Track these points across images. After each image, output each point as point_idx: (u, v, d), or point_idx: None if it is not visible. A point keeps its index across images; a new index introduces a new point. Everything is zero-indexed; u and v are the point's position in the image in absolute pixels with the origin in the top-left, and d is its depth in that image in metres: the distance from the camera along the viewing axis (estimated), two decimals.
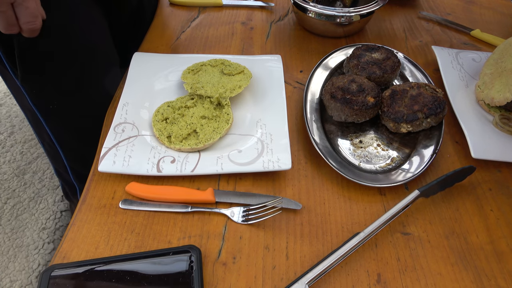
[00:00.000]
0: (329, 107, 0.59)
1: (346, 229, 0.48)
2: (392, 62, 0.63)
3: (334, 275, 0.44)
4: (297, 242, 0.47)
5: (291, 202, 0.50)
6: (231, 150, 0.54)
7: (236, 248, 0.46)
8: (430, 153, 0.55)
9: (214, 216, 0.49)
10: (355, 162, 0.55)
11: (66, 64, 0.63)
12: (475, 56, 0.70)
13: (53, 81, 0.64)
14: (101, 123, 0.60)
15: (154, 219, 0.49)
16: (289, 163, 0.51)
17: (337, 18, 0.72)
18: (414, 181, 0.54)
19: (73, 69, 0.65)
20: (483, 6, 0.89)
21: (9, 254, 1.08)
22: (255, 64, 0.67)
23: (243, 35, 0.77)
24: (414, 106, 0.56)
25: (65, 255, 0.45)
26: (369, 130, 0.59)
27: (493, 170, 0.56)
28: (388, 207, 0.50)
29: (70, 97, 0.67)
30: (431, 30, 0.81)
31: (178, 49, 0.74)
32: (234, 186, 0.52)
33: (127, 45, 0.77)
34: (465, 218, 0.50)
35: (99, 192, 0.51)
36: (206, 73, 0.63)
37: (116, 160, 0.51)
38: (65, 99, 0.67)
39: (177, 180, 0.53)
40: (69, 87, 0.66)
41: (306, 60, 0.72)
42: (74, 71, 0.65)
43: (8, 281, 1.03)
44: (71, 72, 0.65)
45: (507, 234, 0.49)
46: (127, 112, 0.58)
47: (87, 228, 0.48)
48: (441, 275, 0.45)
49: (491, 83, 0.61)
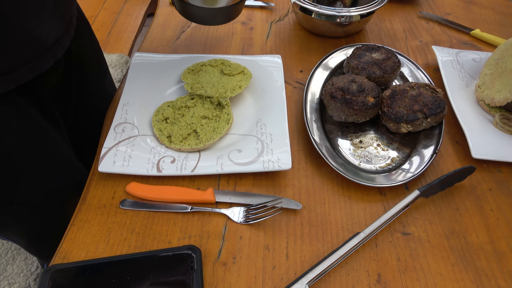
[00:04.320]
0: (329, 107, 0.59)
1: (346, 229, 0.48)
2: (392, 62, 0.63)
3: (334, 275, 0.44)
4: (297, 242, 0.47)
5: (291, 202, 0.50)
6: (231, 150, 0.54)
7: (236, 248, 0.46)
8: (430, 153, 0.55)
9: (214, 216, 0.49)
10: (355, 162, 0.55)
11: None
12: (475, 56, 0.70)
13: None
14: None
15: (154, 219, 0.49)
16: (289, 163, 0.51)
17: (337, 18, 0.72)
18: (414, 181, 0.54)
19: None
20: (483, 6, 0.89)
21: (8, 257, 1.08)
22: (255, 64, 0.67)
23: (243, 35, 0.77)
24: (414, 106, 0.56)
25: (65, 255, 0.45)
26: (369, 130, 0.59)
27: (493, 170, 0.56)
28: (388, 207, 0.50)
29: None
30: (431, 30, 0.81)
31: (178, 49, 0.74)
32: (234, 186, 0.52)
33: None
34: (465, 218, 0.50)
35: (99, 192, 0.51)
36: (206, 73, 0.63)
37: (116, 160, 0.51)
38: None
39: (177, 180, 0.53)
40: None
41: (306, 60, 0.72)
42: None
43: (7, 283, 1.03)
44: None
45: (507, 234, 0.49)
46: (127, 112, 0.58)
47: (87, 228, 0.48)
48: (441, 275, 0.45)
49: (491, 83, 0.61)
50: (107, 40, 1.30)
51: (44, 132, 0.55)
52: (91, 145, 0.60)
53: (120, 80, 1.18)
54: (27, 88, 0.50)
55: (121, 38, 1.31)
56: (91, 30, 0.71)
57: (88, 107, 0.70)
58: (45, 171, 0.57)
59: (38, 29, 0.47)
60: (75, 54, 0.62)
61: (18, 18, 0.44)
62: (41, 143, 0.55)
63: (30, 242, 0.72)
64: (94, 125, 0.64)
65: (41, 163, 0.55)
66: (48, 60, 0.51)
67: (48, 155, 0.56)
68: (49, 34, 0.50)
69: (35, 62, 0.49)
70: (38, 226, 0.63)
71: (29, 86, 0.51)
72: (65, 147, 0.60)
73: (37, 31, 0.47)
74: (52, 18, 0.50)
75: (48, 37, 0.50)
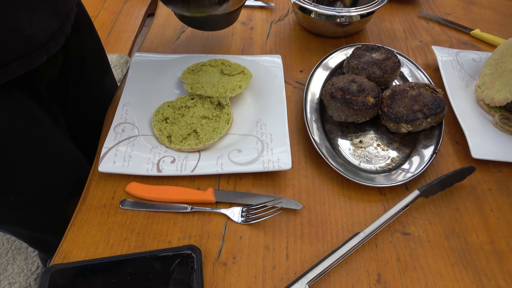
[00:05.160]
0: (329, 107, 0.59)
1: (346, 229, 0.48)
2: (392, 62, 0.63)
3: (334, 275, 0.44)
4: (297, 242, 0.47)
5: (291, 202, 0.50)
6: (231, 150, 0.54)
7: (236, 248, 0.46)
8: (430, 153, 0.55)
9: (214, 216, 0.49)
10: (355, 162, 0.55)
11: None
12: (475, 56, 0.70)
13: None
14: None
15: (154, 219, 0.49)
16: (289, 163, 0.51)
17: (337, 18, 0.72)
18: (414, 181, 0.54)
19: None
20: (483, 6, 0.89)
21: (8, 257, 1.08)
22: (255, 64, 0.67)
23: (243, 35, 0.77)
24: (414, 106, 0.56)
25: (65, 255, 0.45)
26: (369, 130, 0.59)
27: (493, 170, 0.56)
28: (388, 207, 0.50)
29: None
30: (431, 30, 0.81)
31: (178, 49, 0.74)
32: (234, 186, 0.52)
33: None
34: (465, 218, 0.50)
35: (99, 192, 0.51)
36: (206, 73, 0.63)
37: (116, 160, 0.51)
38: None
39: (177, 180, 0.53)
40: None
41: (306, 60, 0.72)
42: None
43: (7, 283, 1.03)
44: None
45: (507, 234, 0.49)
46: (127, 112, 0.58)
47: (87, 228, 0.48)
48: (441, 275, 0.45)
49: (491, 83, 0.61)
50: (107, 40, 1.30)
51: (41, 124, 0.55)
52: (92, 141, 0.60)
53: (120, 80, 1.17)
54: (22, 80, 0.50)
55: (121, 38, 1.31)
56: (93, 26, 0.71)
57: (87, 103, 0.70)
58: (41, 163, 0.57)
59: (29, 25, 0.47)
60: (73, 49, 0.62)
61: (6, 14, 0.44)
62: (37, 135, 0.55)
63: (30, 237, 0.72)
64: (95, 121, 0.64)
65: (37, 155, 0.55)
66: (41, 57, 0.51)
67: (45, 148, 0.56)
68: (42, 31, 0.50)
69: (26, 58, 0.49)
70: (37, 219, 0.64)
71: (25, 79, 0.51)
72: (63, 141, 0.60)
73: (28, 27, 0.47)
74: (45, 15, 0.50)
75: (40, 34, 0.50)
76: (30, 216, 0.63)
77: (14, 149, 0.52)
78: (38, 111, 0.55)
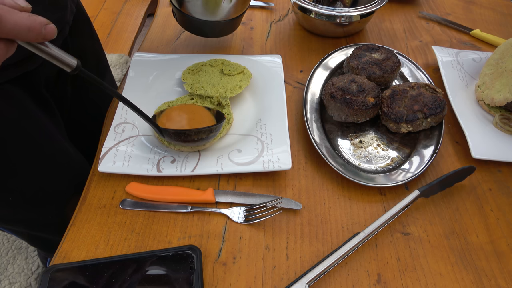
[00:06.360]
0: (329, 107, 0.59)
1: (346, 229, 0.48)
2: (392, 62, 0.63)
3: (334, 275, 0.44)
4: (297, 242, 0.47)
5: (291, 202, 0.50)
6: (231, 150, 0.54)
7: (236, 248, 0.46)
8: (430, 153, 0.55)
9: (214, 216, 0.49)
10: (355, 162, 0.55)
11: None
12: (475, 56, 0.70)
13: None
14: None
15: (154, 219, 0.49)
16: (289, 163, 0.51)
17: (337, 18, 0.72)
18: (414, 181, 0.54)
19: None
20: (483, 6, 0.89)
21: (8, 256, 1.08)
22: (255, 64, 0.67)
23: (243, 35, 0.77)
24: (414, 106, 0.56)
25: (65, 255, 0.45)
26: (369, 130, 0.59)
27: (493, 170, 0.56)
28: (388, 207, 0.50)
29: None
30: (431, 30, 0.81)
31: (178, 49, 0.74)
32: (234, 186, 0.52)
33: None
34: (465, 218, 0.50)
35: (99, 192, 0.51)
36: (206, 73, 0.63)
37: (116, 160, 0.51)
38: None
39: (177, 180, 0.53)
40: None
41: (306, 60, 0.72)
42: None
43: (7, 283, 1.03)
44: None
45: (507, 234, 0.49)
46: (127, 112, 0.58)
47: (87, 228, 0.48)
48: (441, 275, 0.45)
49: (491, 83, 0.61)
50: (107, 40, 1.30)
51: (39, 123, 0.55)
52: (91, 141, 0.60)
53: (120, 80, 1.17)
54: (20, 79, 0.50)
55: (121, 38, 1.31)
56: (92, 27, 0.71)
57: (86, 102, 0.70)
58: (40, 162, 0.57)
59: None
60: (72, 49, 0.62)
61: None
62: (35, 135, 0.55)
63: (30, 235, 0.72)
64: (94, 121, 0.64)
65: (36, 154, 0.55)
66: (37, 59, 0.51)
67: (43, 147, 0.57)
68: None
69: (22, 61, 0.49)
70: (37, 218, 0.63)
71: (23, 78, 0.51)
72: (62, 141, 0.60)
73: None
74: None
75: None
76: (30, 215, 0.63)
77: (14, 149, 0.52)
78: (35, 108, 0.55)
